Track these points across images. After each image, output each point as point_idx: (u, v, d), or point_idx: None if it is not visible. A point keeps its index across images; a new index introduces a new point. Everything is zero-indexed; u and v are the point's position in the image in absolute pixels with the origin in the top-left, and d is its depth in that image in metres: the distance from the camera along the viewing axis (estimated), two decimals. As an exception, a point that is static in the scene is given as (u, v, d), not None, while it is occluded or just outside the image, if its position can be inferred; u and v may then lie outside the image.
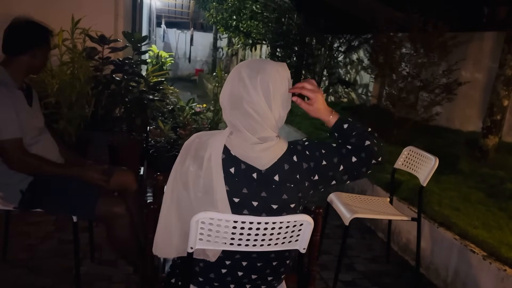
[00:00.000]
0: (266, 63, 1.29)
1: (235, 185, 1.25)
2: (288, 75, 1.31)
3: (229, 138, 1.27)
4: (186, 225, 1.25)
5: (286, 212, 1.29)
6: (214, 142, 1.26)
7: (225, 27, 9.71)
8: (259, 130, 1.24)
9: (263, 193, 1.26)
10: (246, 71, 1.25)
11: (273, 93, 1.25)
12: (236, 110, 1.25)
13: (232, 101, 1.26)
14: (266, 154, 1.25)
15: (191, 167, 1.27)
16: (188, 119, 4.66)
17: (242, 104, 1.24)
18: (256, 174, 1.26)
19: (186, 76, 14.90)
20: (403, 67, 4.55)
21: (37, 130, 2.11)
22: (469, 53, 4.71)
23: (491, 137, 3.81)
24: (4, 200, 2.06)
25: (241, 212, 1.26)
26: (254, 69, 1.26)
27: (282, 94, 1.29)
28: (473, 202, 3.01)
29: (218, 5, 9.79)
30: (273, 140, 1.27)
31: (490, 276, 2.32)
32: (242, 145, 1.25)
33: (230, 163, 1.25)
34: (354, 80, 7.27)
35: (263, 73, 1.25)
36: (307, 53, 7.59)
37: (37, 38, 2.04)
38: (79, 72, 3.55)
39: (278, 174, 1.27)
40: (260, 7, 8.53)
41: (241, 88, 1.24)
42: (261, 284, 1.39)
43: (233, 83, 1.27)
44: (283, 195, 1.27)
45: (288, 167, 1.27)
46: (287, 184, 1.27)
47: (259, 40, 9.01)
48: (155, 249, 1.37)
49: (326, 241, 3.06)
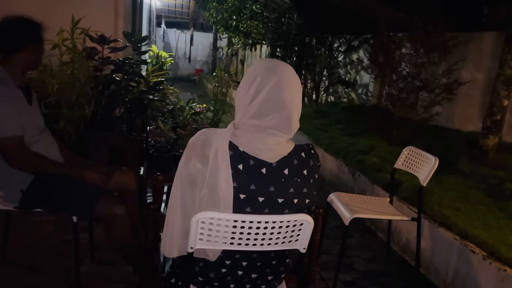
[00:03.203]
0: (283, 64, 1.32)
1: (243, 182, 1.25)
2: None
3: (235, 135, 1.27)
4: (188, 224, 1.25)
5: (288, 209, 1.29)
6: (219, 139, 1.26)
7: (225, 27, 9.71)
8: (284, 135, 1.28)
9: (271, 188, 1.27)
10: (280, 79, 1.26)
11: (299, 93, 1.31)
12: (270, 115, 1.25)
13: (262, 113, 1.25)
14: (277, 147, 1.28)
15: (198, 164, 1.26)
16: (188, 119, 4.66)
17: (283, 109, 1.25)
18: (265, 169, 1.26)
19: (186, 76, 14.91)
20: (403, 67, 4.55)
21: (37, 129, 2.12)
22: (469, 53, 4.70)
23: (491, 137, 3.81)
24: (5, 200, 2.06)
25: (243, 210, 1.26)
26: (284, 77, 1.27)
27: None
28: (473, 202, 3.01)
29: (218, 5, 9.78)
30: (284, 139, 1.30)
31: (490, 276, 2.32)
32: (252, 137, 1.26)
33: (238, 160, 1.25)
34: (354, 80, 7.27)
35: (292, 79, 1.29)
36: (307, 53, 7.59)
37: (29, 34, 2.04)
38: (79, 72, 3.55)
39: (288, 168, 1.29)
40: (260, 7, 8.53)
41: (278, 98, 1.25)
42: (261, 284, 1.39)
43: (266, 97, 1.25)
44: (290, 189, 1.28)
45: (297, 162, 1.30)
46: (295, 178, 1.29)
47: (259, 40, 9.01)
48: (163, 248, 1.37)
49: (326, 241, 3.06)
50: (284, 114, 1.25)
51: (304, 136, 5.48)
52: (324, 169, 4.73)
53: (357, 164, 4.03)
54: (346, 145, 4.51)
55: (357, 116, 5.82)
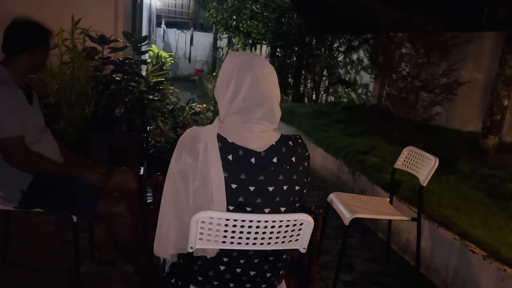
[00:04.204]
0: (257, 56, 1.36)
1: (233, 171, 1.27)
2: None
3: (222, 128, 1.30)
4: (183, 222, 1.26)
5: (279, 197, 1.31)
6: (207, 132, 1.29)
7: (225, 27, 9.70)
8: (271, 125, 1.31)
9: (261, 177, 1.29)
10: (256, 75, 1.29)
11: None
12: (252, 110, 1.28)
13: (245, 111, 1.28)
14: (263, 135, 1.30)
15: (189, 159, 1.29)
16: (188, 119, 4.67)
17: (264, 103, 1.29)
18: (254, 159, 1.29)
19: (186, 76, 14.90)
20: (403, 67, 4.54)
21: (38, 129, 2.12)
22: (469, 53, 4.70)
23: (491, 137, 3.81)
24: (5, 199, 2.06)
25: (236, 200, 1.28)
26: (261, 71, 1.31)
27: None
28: (473, 202, 3.01)
29: (218, 5, 9.78)
30: (271, 128, 1.33)
31: (490, 276, 2.32)
32: (239, 127, 1.29)
33: (227, 151, 1.28)
34: (354, 80, 7.26)
35: (267, 72, 1.32)
36: (307, 53, 7.58)
37: (36, 37, 2.05)
38: (79, 72, 3.55)
39: (277, 156, 1.31)
40: (260, 7, 8.52)
41: (257, 93, 1.28)
42: (261, 282, 1.39)
43: (245, 95, 1.28)
44: (280, 176, 1.31)
45: (285, 150, 1.33)
46: (284, 165, 1.32)
47: (259, 40, 9.01)
48: (156, 250, 1.38)
49: (326, 241, 3.06)
50: (266, 106, 1.29)
51: (304, 136, 5.48)
52: (324, 169, 4.73)
53: (357, 164, 4.03)
54: (346, 145, 4.51)
55: (357, 116, 5.82)
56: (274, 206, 1.32)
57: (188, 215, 1.22)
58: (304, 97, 8.01)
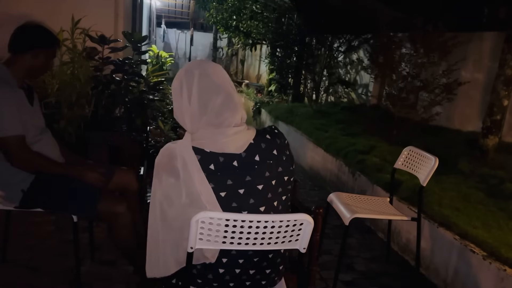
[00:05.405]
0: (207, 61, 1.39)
1: (219, 180, 1.26)
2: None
3: (196, 140, 1.29)
4: (178, 236, 1.26)
5: (271, 193, 1.31)
6: (181, 148, 1.28)
7: (225, 27, 9.70)
8: (236, 115, 1.30)
9: (247, 177, 1.28)
10: (204, 69, 1.31)
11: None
12: (210, 100, 1.29)
13: (204, 103, 1.29)
14: (239, 136, 1.29)
15: (171, 179, 1.27)
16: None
17: (220, 90, 1.29)
18: (236, 162, 1.28)
19: (186, 76, 14.87)
20: (403, 67, 4.55)
21: (38, 129, 2.12)
22: (469, 53, 4.70)
23: (491, 137, 3.81)
24: (5, 199, 2.06)
25: (230, 206, 1.27)
26: (207, 66, 1.33)
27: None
28: (473, 202, 3.01)
29: (218, 5, 9.78)
30: (243, 125, 1.33)
31: (490, 276, 2.32)
32: (213, 134, 1.28)
33: (207, 161, 1.27)
34: (354, 80, 7.26)
35: (215, 67, 1.35)
36: (307, 53, 7.58)
37: (41, 38, 2.07)
38: (79, 72, 3.55)
39: (258, 154, 1.31)
40: (260, 7, 8.52)
41: (210, 84, 1.29)
42: (261, 279, 1.39)
43: (199, 88, 1.29)
44: (266, 173, 1.31)
45: (264, 145, 1.33)
46: (267, 161, 1.31)
47: (259, 40, 9.01)
48: (150, 272, 1.35)
49: (326, 241, 3.06)
50: (223, 93, 1.29)
51: (304, 136, 5.48)
52: (324, 169, 4.74)
53: (357, 164, 4.03)
54: (346, 145, 4.51)
55: (357, 116, 5.82)
56: (268, 203, 1.32)
57: (184, 230, 1.22)
58: (304, 97, 8.01)
